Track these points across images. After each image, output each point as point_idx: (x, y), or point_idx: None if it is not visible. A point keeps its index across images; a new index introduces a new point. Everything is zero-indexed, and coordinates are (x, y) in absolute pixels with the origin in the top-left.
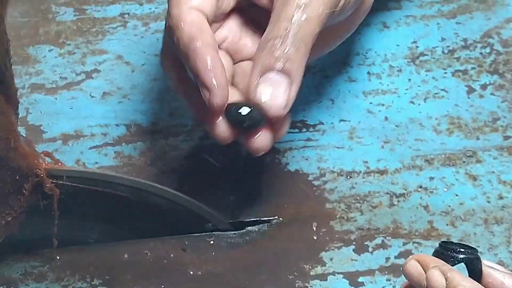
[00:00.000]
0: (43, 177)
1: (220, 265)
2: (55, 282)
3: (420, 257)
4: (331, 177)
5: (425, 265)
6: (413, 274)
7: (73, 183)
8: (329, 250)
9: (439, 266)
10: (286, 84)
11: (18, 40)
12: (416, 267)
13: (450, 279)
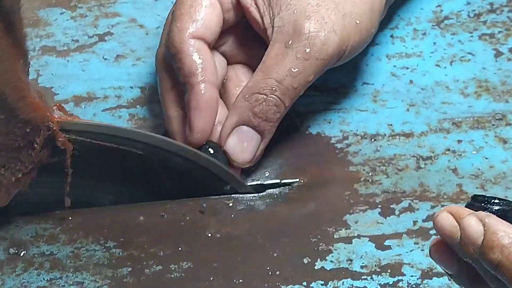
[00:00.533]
0: (55, 130)
1: (239, 227)
2: (67, 244)
3: (453, 209)
4: (355, 140)
5: (458, 216)
6: (445, 227)
7: (86, 139)
8: (354, 213)
9: (475, 213)
10: (256, 141)
11: (29, 3)
12: (448, 218)
13: (488, 225)
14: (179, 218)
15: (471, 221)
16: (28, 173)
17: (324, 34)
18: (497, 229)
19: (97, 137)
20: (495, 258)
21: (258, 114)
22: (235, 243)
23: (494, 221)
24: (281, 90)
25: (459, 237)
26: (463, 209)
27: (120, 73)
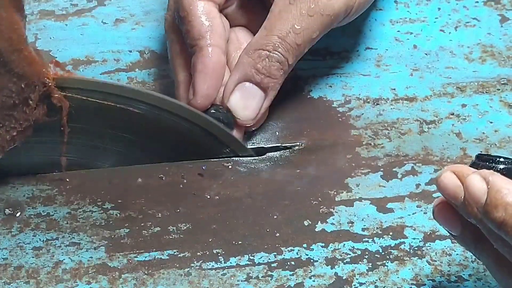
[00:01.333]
0: (51, 87)
1: (239, 190)
2: (64, 205)
3: (457, 168)
4: (357, 104)
5: (461, 175)
6: (449, 186)
7: (83, 96)
8: (355, 176)
9: (479, 172)
10: (260, 98)
11: None
12: (452, 178)
13: (492, 183)
14: (178, 181)
15: (475, 180)
16: (23, 131)
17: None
18: (501, 187)
19: (94, 95)
20: (498, 217)
21: (261, 70)
22: (235, 205)
23: (498, 179)
24: (284, 47)
25: (463, 197)
26: (467, 168)
27: (119, 37)
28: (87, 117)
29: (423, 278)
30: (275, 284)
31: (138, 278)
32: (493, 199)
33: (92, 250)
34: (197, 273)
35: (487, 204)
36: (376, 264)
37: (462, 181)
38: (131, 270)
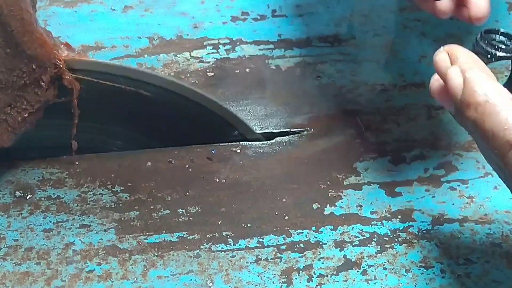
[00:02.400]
0: (62, 68)
1: (247, 173)
2: (74, 188)
3: (451, 49)
4: (366, 89)
5: (453, 59)
6: (440, 67)
7: (94, 79)
8: (364, 161)
9: (460, 64)
10: None
11: None
12: (444, 60)
13: (467, 81)
14: (187, 164)
15: (453, 73)
16: (34, 112)
17: None
18: (475, 86)
19: (104, 77)
20: (470, 115)
21: None
22: (243, 188)
23: (475, 77)
24: None
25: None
26: (460, 52)
27: (128, 23)
28: (97, 99)
29: (432, 261)
30: (284, 266)
31: (148, 260)
32: (466, 97)
33: (102, 232)
34: (207, 255)
35: (461, 101)
36: (385, 246)
37: (453, 61)
38: (141, 252)
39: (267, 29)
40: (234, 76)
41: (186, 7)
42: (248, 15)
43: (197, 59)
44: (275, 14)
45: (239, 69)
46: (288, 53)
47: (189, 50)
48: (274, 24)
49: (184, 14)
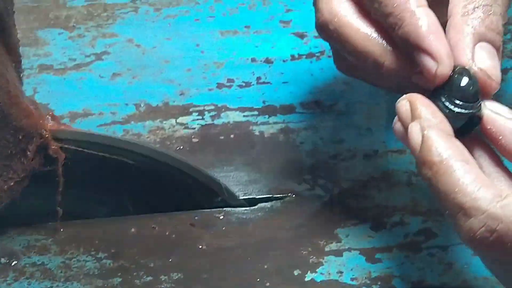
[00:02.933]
0: (48, 138)
1: (230, 240)
2: (59, 255)
3: (412, 98)
4: (347, 156)
5: (414, 108)
6: (401, 116)
7: (78, 148)
8: (345, 227)
9: (420, 121)
10: (497, 57)
11: (27, 24)
12: (405, 108)
13: (425, 138)
14: (170, 231)
15: (413, 130)
16: (20, 181)
17: None
18: (432, 145)
19: (88, 146)
20: (425, 173)
21: (490, 26)
22: (226, 255)
23: (433, 134)
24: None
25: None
26: (420, 102)
27: (115, 90)
28: (82, 168)
29: None
30: None
31: None
32: (423, 155)
33: None
34: None
35: (418, 157)
36: None
37: (413, 114)
38: None
39: (252, 95)
40: (218, 142)
41: (173, 75)
42: (234, 82)
43: (182, 125)
44: (260, 81)
45: (224, 135)
46: (272, 120)
47: (175, 117)
48: (259, 91)
49: (171, 81)
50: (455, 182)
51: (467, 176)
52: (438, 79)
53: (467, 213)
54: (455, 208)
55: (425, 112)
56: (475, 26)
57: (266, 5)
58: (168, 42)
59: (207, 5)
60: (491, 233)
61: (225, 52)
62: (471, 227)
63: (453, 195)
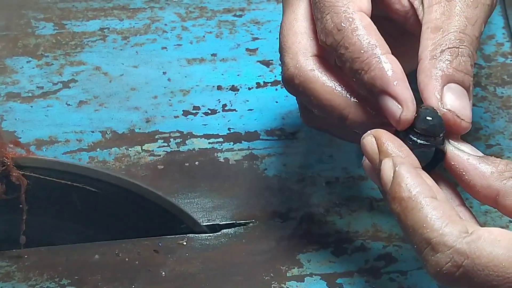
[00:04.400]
0: (10, 165)
1: (193, 266)
2: (23, 281)
3: (378, 134)
4: (310, 182)
5: (380, 143)
6: (368, 152)
7: (41, 175)
8: (307, 252)
9: (393, 158)
10: (467, 97)
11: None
12: (371, 145)
13: (396, 174)
14: (134, 257)
15: (385, 167)
16: None
17: None
18: (402, 181)
19: (51, 174)
20: (394, 208)
21: (459, 68)
22: (189, 281)
23: (403, 171)
24: (467, 39)
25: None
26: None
27: (82, 118)
28: (45, 195)
29: None
30: None
31: None
32: (392, 191)
33: None
34: None
35: (388, 193)
36: None
37: (380, 149)
38: None
39: (217, 123)
40: (183, 169)
41: (139, 102)
42: (199, 110)
43: (148, 152)
44: (225, 109)
45: (189, 162)
46: (237, 146)
47: (141, 144)
48: (224, 118)
49: (137, 108)
50: (423, 218)
51: (434, 212)
52: (402, 123)
53: (434, 248)
54: (422, 243)
55: (392, 147)
56: (443, 69)
57: (232, 34)
58: (135, 70)
59: (175, 33)
60: (457, 268)
61: (192, 79)
62: (438, 262)
63: (420, 230)
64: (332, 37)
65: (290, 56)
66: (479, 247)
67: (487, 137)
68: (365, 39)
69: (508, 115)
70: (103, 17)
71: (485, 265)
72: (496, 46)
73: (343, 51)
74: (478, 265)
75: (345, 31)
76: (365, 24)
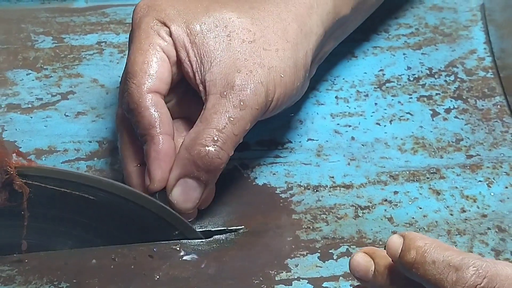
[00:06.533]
0: (13, 174)
1: (186, 270)
2: (23, 285)
3: (366, 249)
4: (298, 190)
5: (372, 253)
6: (361, 263)
7: (42, 183)
8: (295, 257)
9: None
10: (200, 190)
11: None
12: (363, 256)
13: (406, 235)
14: (130, 262)
15: (394, 237)
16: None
17: (253, 85)
18: (414, 235)
19: (52, 182)
20: (411, 257)
21: (201, 167)
22: (182, 285)
23: (412, 232)
24: (223, 139)
25: (373, 269)
26: (375, 248)
27: (80, 128)
28: (46, 202)
29: None
30: None
31: None
32: (407, 244)
33: None
34: None
35: (402, 251)
36: None
37: (372, 257)
38: None
39: None
40: None
41: None
42: None
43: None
44: None
45: None
46: None
47: None
48: None
49: None
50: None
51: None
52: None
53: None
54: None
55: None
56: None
57: None
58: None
59: None
60: (482, 278)
61: None
62: (463, 276)
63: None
64: (127, 112)
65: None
66: (497, 263)
67: (467, 148)
68: (146, 119)
69: (488, 127)
70: (100, 31)
71: (507, 275)
72: (477, 61)
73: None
74: (501, 275)
75: (134, 110)
76: (151, 105)
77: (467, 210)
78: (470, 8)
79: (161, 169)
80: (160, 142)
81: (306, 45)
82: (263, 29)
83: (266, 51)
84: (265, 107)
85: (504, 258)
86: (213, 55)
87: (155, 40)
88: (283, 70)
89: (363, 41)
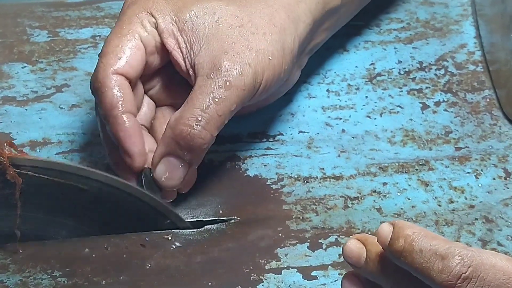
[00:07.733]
0: (6, 164)
1: (177, 259)
2: (17, 273)
3: (359, 236)
4: (289, 181)
5: (364, 240)
6: (353, 249)
7: (35, 173)
8: (284, 247)
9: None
10: (184, 169)
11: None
12: (356, 243)
13: (396, 223)
14: (122, 251)
15: (384, 225)
16: None
17: (240, 66)
18: (403, 224)
19: (45, 173)
20: (399, 246)
21: (183, 146)
22: (173, 273)
23: (402, 221)
24: (206, 119)
25: (365, 256)
26: (368, 235)
27: (74, 121)
28: (39, 192)
29: None
30: None
31: None
32: (396, 233)
33: None
34: None
35: (391, 239)
36: None
37: (364, 244)
38: None
39: None
40: None
41: None
42: None
43: None
44: None
45: None
46: (221, 148)
47: None
48: None
49: None
50: (430, 241)
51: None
52: (134, 170)
53: (444, 256)
54: (432, 258)
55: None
56: (169, 142)
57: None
58: None
59: None
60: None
61: None
62: (449, 265)
63: (429, 248)
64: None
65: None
66: (483, 252)
67: (456, 140)
68: (109, 99)
69: (477, 120)
70: (95, 25)
71: (491, 264)
72: (467, 55)
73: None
74: (485, 264)
75: (98, 89)
76: (114, 85)
77: (455, 201)
78: (461, 3)
79: (136, 144)
80: (124, 120)
81: (294, 31)
82: (250, 14)
83: (253, 35)
84: (253, 89)
85: (491, 248)
86: (202, 40)
87: (136, 28)
88: (271, 53)
89: (355, 35)
